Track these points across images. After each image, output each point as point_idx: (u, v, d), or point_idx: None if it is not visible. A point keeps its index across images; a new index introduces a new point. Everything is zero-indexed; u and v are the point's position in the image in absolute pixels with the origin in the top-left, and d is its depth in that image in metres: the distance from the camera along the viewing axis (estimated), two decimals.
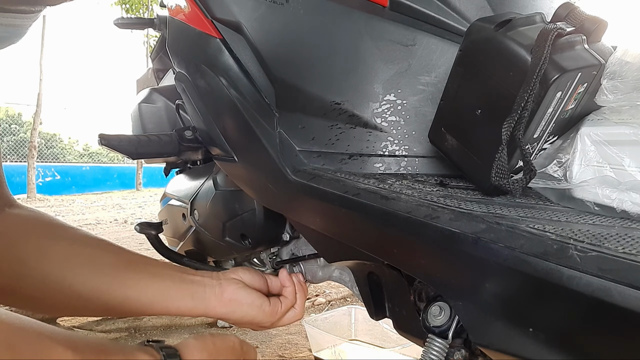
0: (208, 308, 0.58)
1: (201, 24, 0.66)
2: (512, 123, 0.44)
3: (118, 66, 37.24)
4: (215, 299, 0.58)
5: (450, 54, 0.59)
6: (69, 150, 17.45)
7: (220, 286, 0.59)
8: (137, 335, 1.66)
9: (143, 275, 0.55)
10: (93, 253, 0.54)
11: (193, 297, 0.57)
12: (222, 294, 0.58)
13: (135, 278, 0.54)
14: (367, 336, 1.52)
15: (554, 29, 0.44)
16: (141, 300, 0.54)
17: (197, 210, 0.90)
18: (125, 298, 0.53)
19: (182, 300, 0.56)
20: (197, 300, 0.57)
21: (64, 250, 0.52)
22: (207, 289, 0.58)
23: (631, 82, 0.47)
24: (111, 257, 0.55)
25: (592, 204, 0.44)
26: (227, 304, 0.58)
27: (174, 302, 0.56)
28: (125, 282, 0.54)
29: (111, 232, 4.11)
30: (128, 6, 9.66)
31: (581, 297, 0.32)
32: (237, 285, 0.60)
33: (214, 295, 0.58)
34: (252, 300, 0.60)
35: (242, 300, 0.59)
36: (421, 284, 0.53)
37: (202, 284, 0.58)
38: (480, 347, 0.42)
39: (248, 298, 0.59)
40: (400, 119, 0.60)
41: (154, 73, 1.34)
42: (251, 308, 0.59)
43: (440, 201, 0.46)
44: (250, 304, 0.59)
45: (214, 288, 0.59)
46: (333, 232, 0.57)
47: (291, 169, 0.60)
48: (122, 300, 0.53)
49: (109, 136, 0.76)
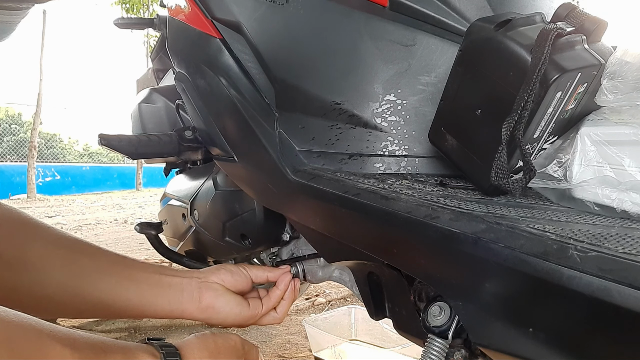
0: (185, 313, 0.57)
1: (201, 24, 0.66)
2: (512, 123, 0.44)
3: (118, 66, 37.28)
4: (192, 304, 0.57)
5: (450, 54, 0.59)
6: (69, 150, 17.45)
7: (198, 291, 0.58)
8: (137, 335, 1.66)
9: (118, 279, 0.54)
10: (67, 255, 0.52)
11: (170, 302, 0.56)
12: (200, 300, 0.58)
13: (109, 282, 0.53)
14: (367, 336, 1.52)
15: (554, 29, 0.44)
16: (115, 304, 0.53)
17: (197, 210, 0.90)
18: (98, 302, 0.52)
19: (158, 305, 0.56)
20: (174, 306, 0.56)
21: (39, 253, 0.50)
22: (184, 293, 0.57)
23: (631, 82, 0.47)
24: (86, 259, 0.53)
25: (592, 204, 0.44)
26: (204, 311, 0.58)
27: (149, 307, 0.55)
28: (98, 286, 0.52)
29: (111, 232, 4.11)
30: (128, 6, 9.66)
31: (581, 297, 0.32)
32: (216, 292, 0.59)
33: (192, 300, 0.57)
34: (231, 308, 0.59)
35: (219, 307, 0.58)
36: (421, 284, 0.53)
37: (180, 289, 0.57)
38: (480, 347, 0.42)
39: (227, 306, 0.59)
40: (400, 119, 0.60)
41: (154, 73, 1.34)
42: (229, 314, 0.59)
43: (440, 201, 0.46)
44: (228, 310, 0.59)
45: (192, 293, 0.58)
46: (333, 232, 0.57)
47: (291, 169, 0.60)
48: (94, 304, 0.52)
49: (109, 136, 0.76)
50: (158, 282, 0.56)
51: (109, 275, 0.53)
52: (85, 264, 0.53)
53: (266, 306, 0.63)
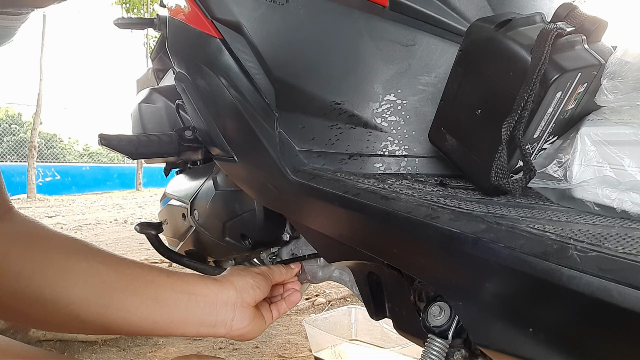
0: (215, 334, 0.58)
1: (201, 24, 0.66)
2: (512, 123, 0.44)
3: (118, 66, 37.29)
4: (223, 329, 0.57)
5: (450, 54, 0.59)
6: (69, 150, 17.45)
7: (231, 319, 0.58)
8: (137, 337, 1.66)
9: (144, 299, 0.52)
10: (90, 269, 0.50)
11: (199, 327, 0.56)
12: (231, 327, 0.58)
13: (136, 302, 0.51)
14: (367, 336, 1.52)
15: (554, 29, 0.44)
16: (142, 325, 0.52)
17: (197, 210, 0.90)
18: (125, 321, 0.51)
19: (187, 328, 0.55)
20: (203, 330, 0.56)
21: (59, 265, 0.49)
22: (218, 317, 0.57)
23: (631, 82, 0.47)
24: (110, 273, 0.51)
25: (592, 204, 0.44)
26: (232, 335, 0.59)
27: (178, 330, 0.54)
28: (125, 305, 0.51)
29: (111, 232, 4.11)
30: (128, 6, 9.66)
31: (581, 297, 0.32)
32: (247, 320, 0.59)
33: (224, 327, 0.57)
34: (253, 327, 0.60)
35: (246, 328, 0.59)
36: (421, 284, 0.53)
37: (213, 313, 0.56)
38: (480, 347, 0.42)
39: (253, 330, 0.60)
40: (400, 119, 0.60)
41: (154, 73, 1.34)
42: (251, 332, 0.60)
43: (440, 201, 0.46)
44: (250, 330, 0.60)
45: (225, 318, 0.57)
46: (333, 232, 0.57)
47: (291, 169, 0.60)
48: (121, 323, 0.51)
49: (109, 136, 0.76)
50: (187, 307, 0.54)
51: (135, 295, 0.52)
52: (110, 281, 0.51)
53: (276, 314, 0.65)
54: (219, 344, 1.59)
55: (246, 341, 0.69)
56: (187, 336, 0.57)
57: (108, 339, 1.60)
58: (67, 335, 1.55)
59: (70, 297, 0.48)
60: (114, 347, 1.57)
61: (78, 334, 0.96)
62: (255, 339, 1.63)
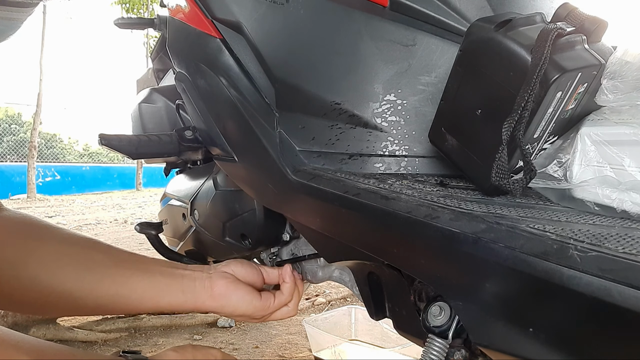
0: (198, 302, 0.58)
1: (201, 24, 0.66)
2: (512, 123, 0.44)
3: (118, 66, 37.30)
4: (205, 293, 0.58)
5: (450, 54, 0.59)
6: (69, 150, 17.45)
7: (209, 279, 0.59)
8: (137, 335, 1.67)
9: (133, 271, 0.55)
10: (81, 252, 0.54)
11: (184, 291, 0.57)
12: (211, 288, 0.58)
13: (125, 275, 0.54)
14: (367, 336, 1.52)
15: (554, 29, 0.44)
16: (132, 297, 0.54)
17: (197, 210, 0.90)
18: (116, 295, 0.53)
19: (172, 295, 0.56)
20: (188, 295, 0.57)
21: (53, 250, 0.52)
22: (197, 282, 0.58)
23: (631, 82, 0.47)
24: (100, 255, 0.55)
25: (592, 204, 0.44)
26: (216, 298, 0.58)
27: (164, 297, 0.56)
28: (115, 279, 0.53)
29: (111, 232, 4.11)
30: (128, 6, 9.66)
31: (581, 297, 0.32)
32: (227, 280, 0.60)
33: (204, 289, 0.58)
34: (242, 295, 0.60)
35: (231, 294, 0.59)
36: (421, 284, 0.53)
37: (192, 278, 0.58)
38: (480, 347, 0.42)
39: (237, 293, 0.59)
40: (400, 119, 0.60)
41: (154, 73, 1.34)
42: (241, 303, 0.59)
43: (440, 201, 0.46)
44: (239, 298, 0.59)
45: (204, 281, 0.59)
46: (333, 232, 0.57)
47: (291, 169, 0.60)
48: (112, 298, 0.53)
49: (109, 136, 0.76)
50: (171, 274, 0.58)
51: (123, 269, 0.55)
52: (100, 260, 0.54)
53: (279, 300, 0.63)
54: (219, 344, 1.59)
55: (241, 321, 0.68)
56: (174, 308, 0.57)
57: (108, 338, 1.61)
58: (67, 335, 1.55)
59: (64, 276, 0.51)
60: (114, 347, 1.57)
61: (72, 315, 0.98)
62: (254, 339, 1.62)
